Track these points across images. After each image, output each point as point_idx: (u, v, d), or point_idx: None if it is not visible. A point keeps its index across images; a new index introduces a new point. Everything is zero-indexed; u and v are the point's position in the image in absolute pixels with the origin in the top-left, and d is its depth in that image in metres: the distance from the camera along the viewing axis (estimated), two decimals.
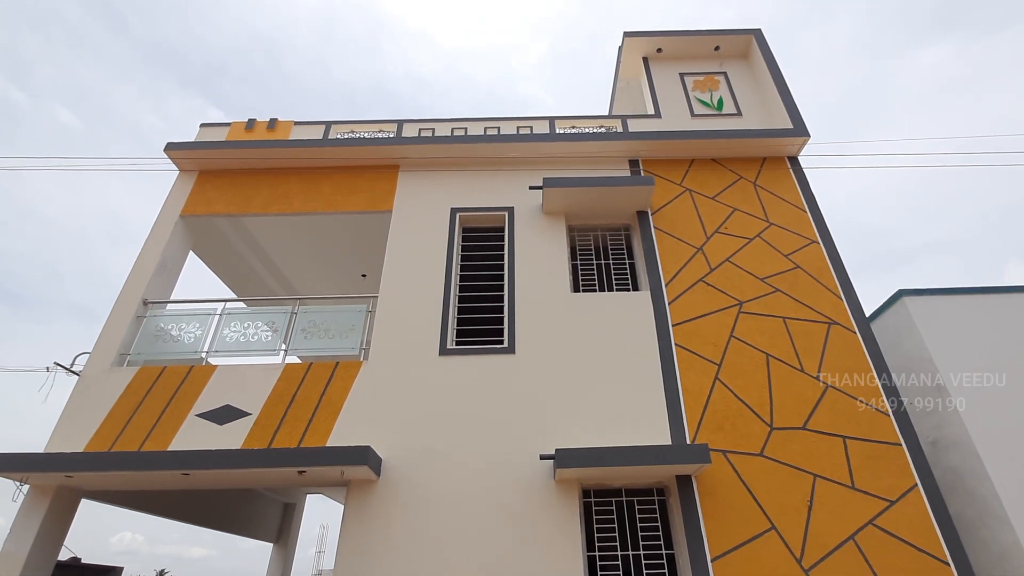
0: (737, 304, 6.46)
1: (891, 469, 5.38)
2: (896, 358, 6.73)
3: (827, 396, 5.80)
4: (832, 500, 5.20)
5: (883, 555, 4.92)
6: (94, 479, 5.17)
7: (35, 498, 5.21)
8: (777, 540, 5.00)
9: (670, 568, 5.11)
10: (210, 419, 5.61)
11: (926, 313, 6.71)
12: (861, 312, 6.43)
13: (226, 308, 6.54)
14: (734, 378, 5.92)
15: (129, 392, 5.79)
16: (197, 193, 7.46)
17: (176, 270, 7.11)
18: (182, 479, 5.19)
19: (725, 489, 5.27)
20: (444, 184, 7.54)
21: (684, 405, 5.73)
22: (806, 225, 7.18)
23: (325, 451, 5.09)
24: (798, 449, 5.48)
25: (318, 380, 5.87)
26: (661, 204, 7.33)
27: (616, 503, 5.42)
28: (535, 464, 5.32)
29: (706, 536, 5.03)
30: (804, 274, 6.72)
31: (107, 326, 6.22)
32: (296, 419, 5.61)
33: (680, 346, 6.14)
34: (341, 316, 6.47)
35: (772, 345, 6.15)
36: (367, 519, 5.13)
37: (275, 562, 9.76)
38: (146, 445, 5.45)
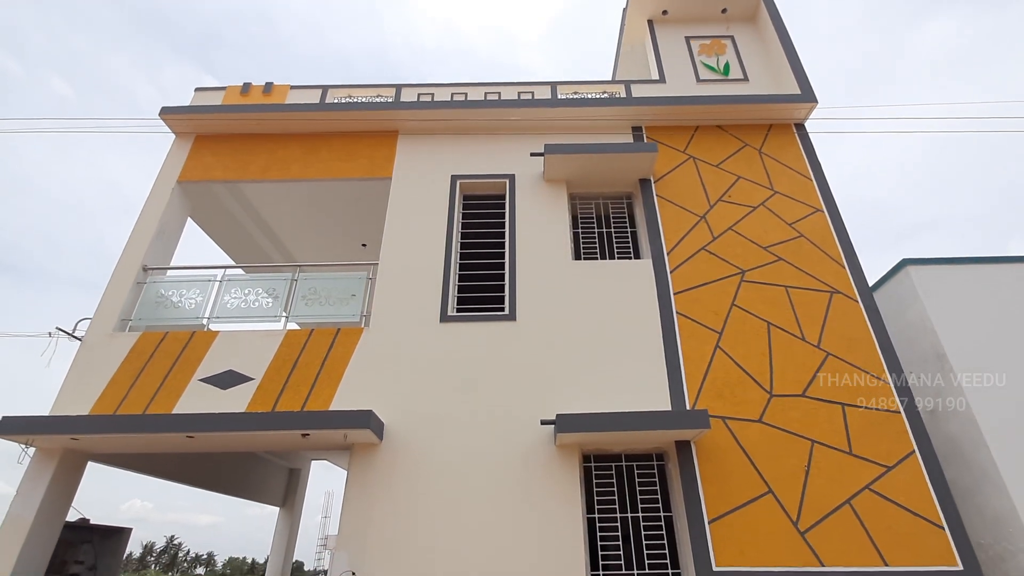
0: (739, 273, 6.41)
1: (889, 436, 5.42)
2: (898, 327, 6.72)
3: (827, 364, 5.81)
4: (829, 465, 5.25)
5: (878, 519, 5.00)
6: (99, 442, 5.23)
7: (41, 461, 5.28)
8: (774, 503, 5.07)
9: (668, 530, 5.20)
10: (213, 384, 5.64)
11: (930, 283, 6.67)
12: (864, 281, 6.39)
13: (226, 275, 6.52)
14: (735, 346, 5.92)
15: (132, 357, 5.82)
16: (194, 159, 7.35)
17: (175, 237, 7.06)
18: (187, 442, 5.25)
19: (723, 454, 5.32)
20: (444, 151, 7.42)
21: (684, 372, 5.75)
22: (811, 194, 7.08)
23: (328, 414, 5.13)
24: (797, 416, 5.51)
25: (319, 346, 5.88)
26: (664, 172, 7.22)
27: (616, 468, 5.49)
28: (536, 429, 5.37)
29: (704, 499, 5.10)
30: (807, 243, 6.65)
31: (107, 292, 6.21)
32: (299, 384, 5.65)
33: (681, 314, 6.12)
34: (341, 283, 6.44)
35: (773, 314, 6.13)
36: (370, 482, 5.21)
37: (281, 526, 9.98)
38: (150, 409, 5.50)
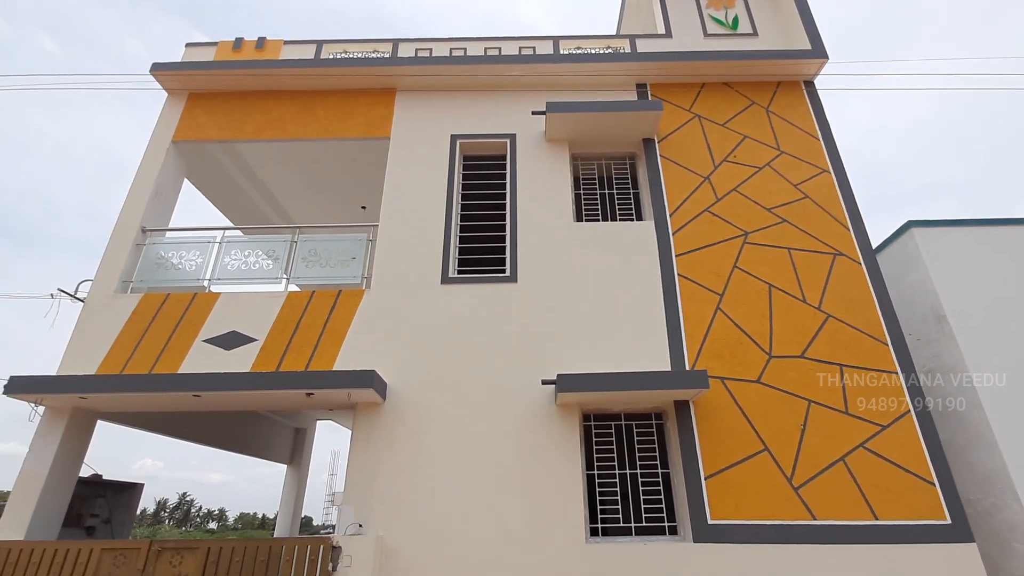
0: (742, 235, 6.36)
1: (885, 396, 5.48)
2: (899, 289, 6.72)
3: (827, 326, 5.83)
4: (825, 424, 5.33)
5: (871, 475, 5.11)
6: (107, 400, 5.32)
7: (51, 419, 5.38)
8: (769, 460, 5.18)
9: (665, 485, 5.34)
10: (217, 345, 5.69)
11: (934, 244, 6.62)
12: (868, 243, 6.34)
13: (225, 236, 6.48)
14: (735, 308, 5.93)
15: (135, 318, 5.85)
16: (187, 118, 7.19)
17: (172, 198, 6.99)
18: (194, 401, 5.34)
19: (721, 414, 5.40)
20: (443, 109, 7.24)
21: (684, 333, 5.77)
22: (818, 154, 6.94)
23: (332, 374, 5.19)
24: (795, 376, 5.57)
25: (321, 308, 5.90)
26: (668, 131, 7.06)
27: (615, 427, 5.58)
28: (537, 389, 5.44)
29: (701, 456, 5.21)
30: (812, 204, 6.57)
31: (107, 253, 6.19)
32: (302, 345, 5.69)
33: (683, 276, 6.10)
34: (341, 245, 6.41)
35: (775, 276, 6.11)
36: (374, 440, 5.32)
37: (290, 483, 10.27)
38: (156, 369, 5.57)
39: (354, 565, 4.48)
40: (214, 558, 4.48)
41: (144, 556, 4.47)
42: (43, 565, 4.45)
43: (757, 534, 4.86)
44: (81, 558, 4.48)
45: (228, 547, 4.56)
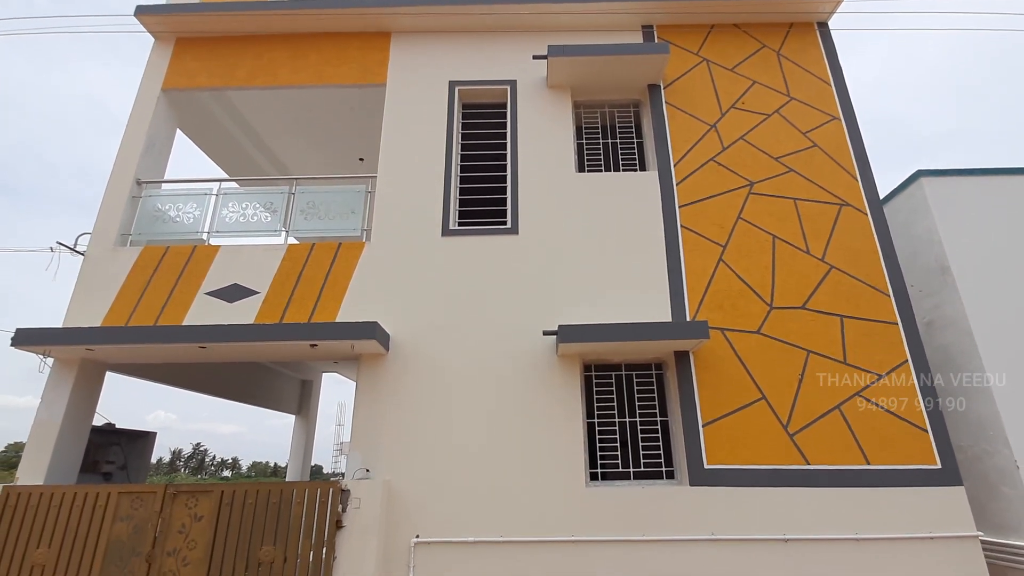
0: (748, 185, 6.24)
1: (884, 346, 5.53)
2: (904, 241, 6.66)
3: (830, 277, 5.80)
4: (823, 374, 5.40)
5: (865, 423, 5.22)
6: (114, 352, 5.40)
7: (61, 371, 5.47)
8: (766, 409, 5.28)
9: (663, 433, 5.47)
10: (219, 297, 5.71)
11: (942, 195, 6.51)
12: (875, 193, 6.22)
13: (222, 188, 6.38)
14: (738, 259, 5.89)
15: (136, 271, 5.85)
16: (176, 64, 6.94)
17: (165, 149, 6.84)
18: (199, 352, 5.41)
19: (720, 364, 5.47)
20: (441, 54, 6.96)
21: (686, 285, 5.76)
22: (829, 100, 6.71)
23: (335, 326, 5.23)
24: (795, 327, 5.59)
25: (322, 260, 5.88)
26: (675, 76, 6.81)
27: (616, 376, 5.67)
28: (539, 340, 5.49)
29: (699, 405, 5.31)
30: (821, 153, 6.41)
31: (103, 206, 6.13)
32: (304, 297, 5.71)
33: (686, 228, 6.03)
34: (340, 197, 6.32)
35: (780, 227, 6.04)
36: (379, 390, 5.42)
37: (298, 432, 10.59)
38: (160, 321, 5.62)
39: (363, 507, 4.66)
40: (228, 500, 4.66)
41: (160, 499, 4.65)
42: (63, 508, 4.63)
43: (751, 478, 5.02)
44: (100, 501, 4.66)
45: (241, 490, 4.74)
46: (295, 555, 4.48)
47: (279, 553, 4.48)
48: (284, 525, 4.57)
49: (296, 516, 4.60)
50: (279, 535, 4.54)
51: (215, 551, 4.49)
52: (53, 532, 4.56)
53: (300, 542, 4.52)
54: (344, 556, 4.50)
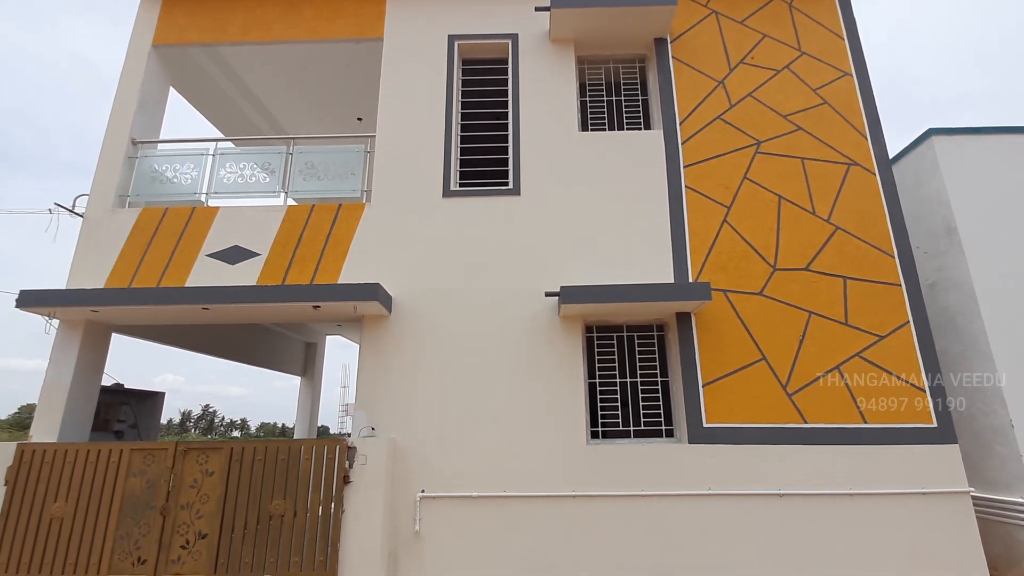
0: (755, 144, 6.11)
1: (886, 307, 5.52)
2: (912, 201, 6.56)
3: (835, 238, 5.75)
4: (824, 335, 5.42)
5: (864, 383, 5.27)
6: (118, 313, 5.43)
7: (67, 332, 5.53)
8: (766, 369, 5.33)
9: (664, 393, 5.54)
10: (220, 259, 5.70)
11: (953, 154, 6.39)
12: (884, 152, 6.09)
13: (218, 148, 6.27)
14: (742, 220, 5.83)
15: (136, 233, 5.83)
16: (166, 19, 6.71)
17: (159, 108, 6.69)
18: (203, 314, 5.44)
19: (722, 325, 5.48)
20: (440, 6, 6.70)
21: (689, 247, 5.72)
22: (841, 55, 6.49)
23: (337, 287, 5.24)
24: (797, 289, 5.58)
25: (322, 222, 5.84)
26: (683, 30, 6.57)
27: (617, 338, 5.70)
28: (541, 301, 5.50)
29: (700, 365, 5.36)
30: (831, 111, 6.24)
31: (99, 167, 6.05)
32: (305, 259, 5.70)
33: (690, 188, 5.94)
34: (339, 157, 6.21)
35: (786, 187, 5.95)
36: (382, 351, 5.47)
37: (304, 393, 10.78)
38: (162, 283, 5.63)
39: (369, 463, 4.78)
40: (237, 457, 4.77)
41: (172, 455, 4.77)
42: (78, 463, 4.76)
43: (749, 436, 5.11)
44: (112, 457, 4.78)
45: (250, 447, 4.85)
46: (304, 508, 4.62)
47: (289, 506, 4.62)
48: (293, 480, 4.70)
49: (304, 472, 4.72)
50: (288, 490, 4.67)
51: (227, 504, 4.63)
52: (69, 487, 4.70)
53: (309, 496, 4.65)
54: (352, 509, 4.65)
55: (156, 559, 4.50)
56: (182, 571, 4.47)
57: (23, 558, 4.52)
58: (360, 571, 4.49)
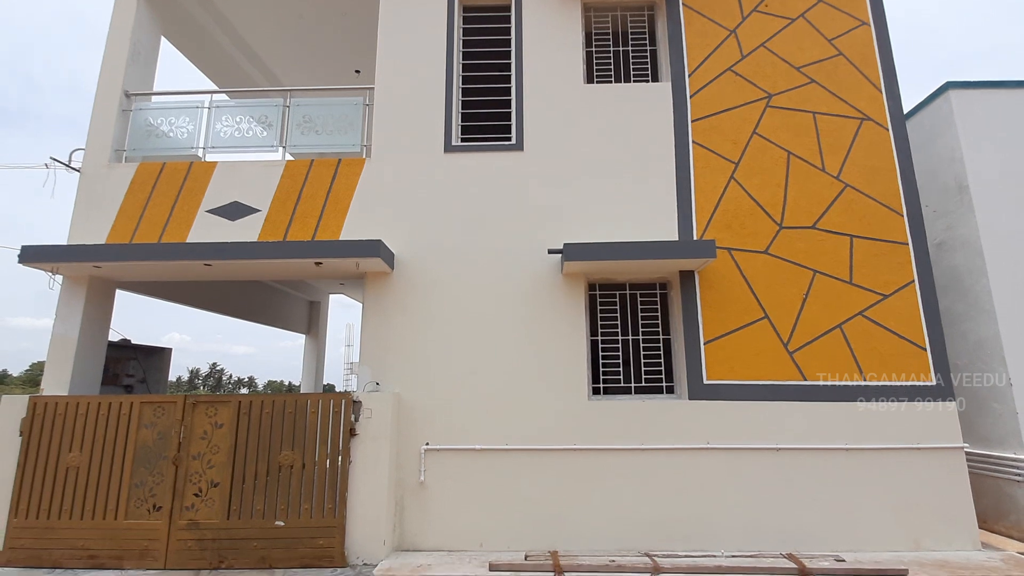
0: (766, 97, 5.92)
1: (892, 266, 5.48)
2: (924, 158, 6.42)
3: (843, 196, 5.65)
4: (827, 293, 5.41)
5: (865, 341, 5.29)
6: (121, 269, 5.43)
7: (71, 288, 5.55)
8: (768, 327, 5.34)
9: (665, 350, 5.58)
10: (220, 215, 5.66)
11: (969, 109, 6.20)
12: (899, 107, 5.91)
13: (213, 101, 6.12)
14: (750, 177, 5.72)
15: (135, 188, 5.76)
16: None
17: (151, 59, 6.49)
18: (205, 270, 5.44)
19: (725, 284, 5.46)
20: None
21: (695, 204, 5.64)
22: (859, 2, 6.20)
23: (339, 244, 5.22)
24: (803, 247, 5.53)
25: (322, 178, 5.76)
26: None
27: (620, 296, 5.70)
28: (544, 259, 5.47)
29: (702, 323, 5.37)
30: (845, 63, 6.02)
31: (94, 120, 5.93)
32: (306, 216, 5.65)
33: (697, 143, 5.80)
34: (337, 110, 6.06)
35: (796, 143, 5.80)
36: (385, 309, 5.49)
37: (309, 351, 10.91)
38: (164, 238, 5.61)
39: (374, 417, 4.88)
40: (245, 410, 4.87)
41: (181, 408, 4.87)
42: (90, 415, 4.87)
43: (748, 392, 5.18)
44: (123, 410, 4.89)
45: (258, 401, 4.94)
46: (313, 459, 4.75)
47: (298, 457, 4.75)
48: (300, 432, 4.81)
49: (312, 424, 4.83)
50: (296, 441, 4.79)
51: (237, 455, 4.76)
52: (83, 437, 4.83)
53: (317, 448, 4.78)
54: (359, 460, 4.77)
55: (171, 506, 4.66)
56: (196, 517, 4.64)
57: (43, 504, 4.69)
58: (367, 518, 4.66)
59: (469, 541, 4.92)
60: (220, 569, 4.50)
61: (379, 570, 4.36)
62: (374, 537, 4.63)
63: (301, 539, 4.58)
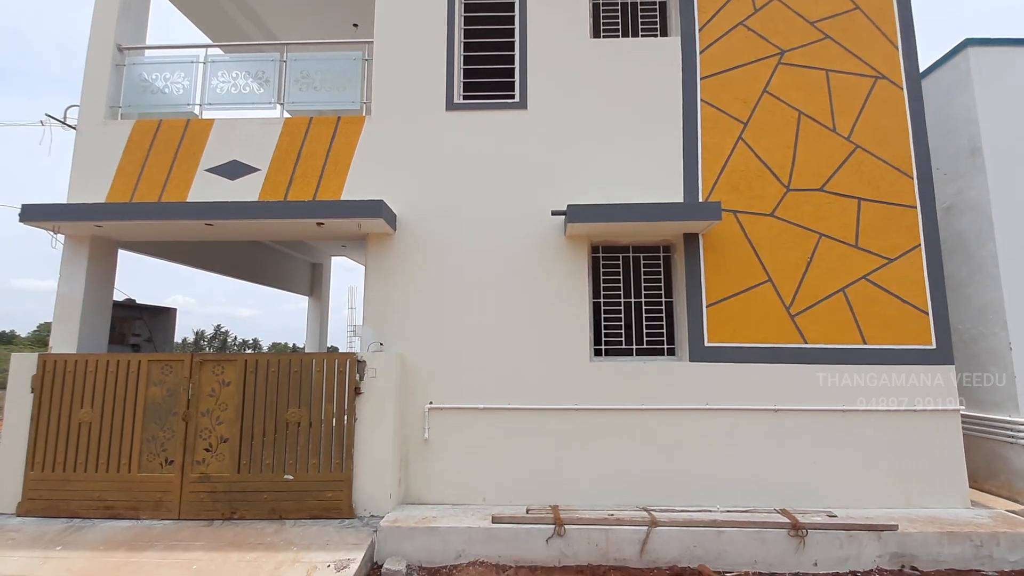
0: (778, 53, 5.73)
1: (898, 230, 5.43)
2: (937, 119, 6.25)
3: (853, 157, 5.54)
4: (832, 257, 5.37)
5: (867, 305, 5.29)
6: (123, 229, 5.41)
7: (73, 248, 5.54)
8: (771, 291, 5.34)
9: (667, 313, 5.60)
10: (220, 174, 5.59)
11: (988, 69, 6.00)
12: (915, 65, 5.72)
13: (208, 56, 5.95)
14: (759, 138, 5.60)
15: (132, 146, 5.67)
16: None
17: (143, 11, 6.27)
18: (206, 230, 5.41)
19: (730, 247, 5.43)
20: None
21: (701, 164, 5.55)
22: None
23: (341, 204, 5.18)
24: (810, 210, 5.46)
25: (321, 136, 5.65)
26: None
27: (623, 258, 5.68)
28: (547, 220, 5.42)
29: (705, 286, 5.37)
30: (862, 17, 5.79)
31: (87, 75, 5.78)
32: (306, 175, 5.58)
33: (706, 102, 5.66)
34: (335, 65, 5.89)
35: (807, 102, 5.65)
36: (388, 270, 5.49)
37: (312, 313, 10.99)
38: (163, 198, 5.56)
39: (378, 376, 4.94)
40: (251, 368, 4.94)
41: (188, 366, 4.94)
42: (99, 372, 4.95)
43: (749, 355, 5.22)
44: (132, 368, 4.96)
45: (264, 360, 5.01)
46: (319, 417, 4.85)
47: (304, 415, 4.84)
48: (307, 391, 4.89)
49: (317, 383, 4.90)
50: (303, 399, 4.88)
51: (245, 412, 4.86)
52: (93, 394, 4.92)
53: (323, 406, 4.86)
54: (364, 418, 4.87)
55: (183, 460, 4.79)
56: (208, 471, 4.77)
57: (58, 457, 4.83)
58: (374, 473, 4.79)
59: (472, 496, 5.07)
60: (232, 520, 4.66)
61: (386, 521, 4.51)
62: (380, 491, 4.77)
63: (310, 492, 4.72)
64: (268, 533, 4.40)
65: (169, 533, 4.42)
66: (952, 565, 4.25)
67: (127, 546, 4.19)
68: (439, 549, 4.34)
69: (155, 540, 4.29)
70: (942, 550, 4.28)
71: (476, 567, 4.22)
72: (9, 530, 4.48)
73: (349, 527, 4.51)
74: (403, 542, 4.36)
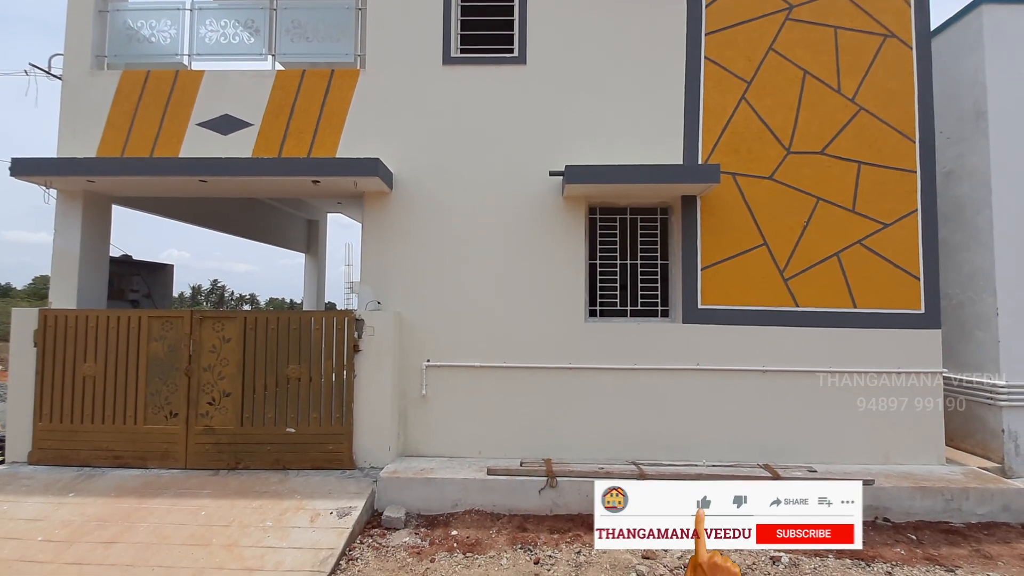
0: (786, 9, 5.55)
1: (896, 195, 5.42)
2: (944, 81, 6.11)
3: (856, 120, 5.47)
4: (828, 221, 5.39)
5: (860, 270, 5.35)
6: (116, 184, 5.35)
7: (66, 203, 5.49)
8: (765, 254, 5.38)
9: (663, 275, 5.65)
10: (212, 129, 5.48)
11: (1001, 28, 5.83)
12: (927, 22, 5.57)
13: (196, 2, 5.70)
14: (762, 98, 5.50)
15: (120, 98, 5.53)
16: None
17: None
18: (200, 186, 5.35)
19: (727, 210, 5.43)
20: None
21: (702, 125, 5.47)
22: None
23: (337, 161, 5.12)
24: (809, 173, 5.44)
25: (315, 89, 5.51)
26: None
27: (620, 220, 5.68)
28: (545, 180, 5.38)
29: (700, 249, 5.41)
30: None
31: (69, 22, 5.56)
32: (300, 131, 5.48)
33: (710, 59, 5.52)
34: (328, 14, 5.67)
35: (813, 61, 5.52)
36: (385, 229, 5.48)
37: (309, 269, 11.00)
38: (155, 153, 5.47)
39: (376, 334, 5.03)
40: (251, 325, 5.01)
41: (189, 323, 5.00)
42: (100, 328, 5.01)
43: (741, 317, 5.32)
44: (132, 324, 5.02)
45: (263, 317, 5.08)
46: (319, 373, 4.96)
47: (304, 371, 4.96)
48: (307, 348, 4.98)
49: (316, 340, 4.99)
50: (303, 356, 4.98)
51: (246, 367, 4.96)
52: (96, 349, 5.00)
53: (323, 362, 4.97)
54: (363, 374, 4.99)
55: (187, 413, 4.93)
56: (212, 423, 4.92)
57: (65, 409, 4.95)
58: (373, 426, 4.95)
59: (468, 449, 5.26)
60: (237, 469, 4.85)
61: (385, 472, 4.70)
62: (380, 443, 4.95)
63: (312, 444, 4.89)
64: (272, 482, 4.59)
65: (177, 482, 4.60)
66: (923, 517, 4.49)
67: (137, 493, 4.38)
68: (436, 498, 4.55)
69: (164, 488, 4.47)
70: (914, 503, 4.52)
71: (472, 515, 4.44)
72: (23, 477, 4.65)
73: (350, 477, 4.71)
74: (402, 492, 4.56)
